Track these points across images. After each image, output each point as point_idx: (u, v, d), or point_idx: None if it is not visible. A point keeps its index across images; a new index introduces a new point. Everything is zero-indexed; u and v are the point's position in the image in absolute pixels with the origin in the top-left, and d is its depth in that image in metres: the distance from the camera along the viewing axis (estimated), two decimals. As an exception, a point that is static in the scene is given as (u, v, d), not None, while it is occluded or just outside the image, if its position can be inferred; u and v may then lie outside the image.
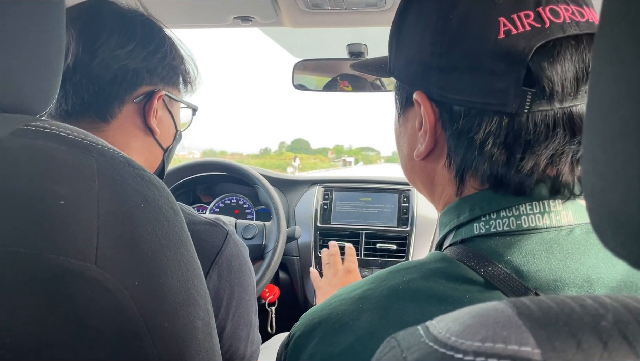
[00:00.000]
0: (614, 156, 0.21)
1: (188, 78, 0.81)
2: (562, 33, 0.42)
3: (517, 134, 0.44)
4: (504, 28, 0.42)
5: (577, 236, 0.43)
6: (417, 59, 0.48)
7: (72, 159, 0.40)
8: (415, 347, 0.26)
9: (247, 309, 0.76)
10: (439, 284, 0.43)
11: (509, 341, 0.22)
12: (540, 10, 0.42)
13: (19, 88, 0.43)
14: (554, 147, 0.43)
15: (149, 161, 0.77)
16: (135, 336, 0.39)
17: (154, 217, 0.43)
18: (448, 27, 0.45)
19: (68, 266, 0.37)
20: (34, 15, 0.44)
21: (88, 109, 0.69)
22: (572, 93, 0.43)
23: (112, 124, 0.71)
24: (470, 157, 0.46)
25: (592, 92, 0.23)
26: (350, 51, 1.38)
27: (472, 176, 0.47)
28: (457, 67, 0.45)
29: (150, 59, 0.72)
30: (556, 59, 0.42)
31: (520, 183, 0.44)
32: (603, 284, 0.41)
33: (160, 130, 0.76)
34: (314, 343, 0.45)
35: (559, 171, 0.44)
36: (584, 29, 0.43)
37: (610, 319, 0.22)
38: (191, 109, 0.86)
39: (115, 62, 0.69)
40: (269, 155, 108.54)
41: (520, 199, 0.45)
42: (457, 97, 0.46)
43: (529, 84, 0.43)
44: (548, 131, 0.43)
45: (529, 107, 0.43)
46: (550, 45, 0.42)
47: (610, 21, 0.22)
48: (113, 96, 0.70)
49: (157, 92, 0.74)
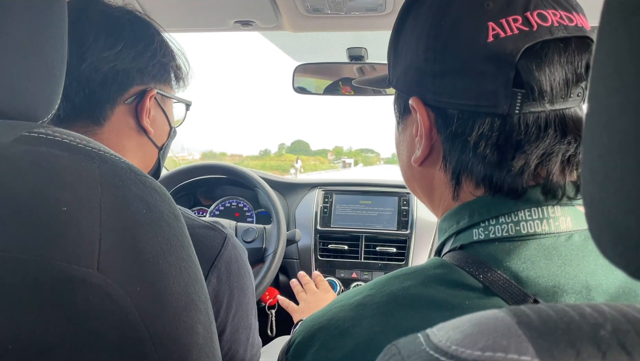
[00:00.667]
0: (612, 167, 0.21)
1: (180, 74, 0.80)
2: (550, 35, 0.43)
3: (508, 135, 0.45)
4: (492, 32, 0.44)
5: (575, 242, 0.44)
6: (413, 66, 0.49)
7: (74, 165, 0.40)
8: (415, 355, 0.26)
9: (247, 312, 0.76)
10: (438, 290, 0.43)
11: (508, 351, 0.22)
12: (528, 14, 0.44)
13: (21, 94, 0.44)
14: (544, 146, 0.44)
15: (144, 160, 0.77)
16: (137, 341, 0.39)
17: (156, 223, 0.43)
18: (440, 33, 0.47)
19: (70, 272, 0.37)
20: (36, 22, 0.44)
21: (80, 113, 0.68)
22: (561, 95, 0.44)
23: (105, 126, 0.70)
24: (465, 159, 0.47)
25: (591, 103, 0.23)
26: (350, 55, 1.38)
27: (467, 178, 0.48)
28: (449, 71, 0.46)
29: (139, 58, 0.71)
30: (544, 61, 0.43)
31: (511, 184, 0.45)
32: (602, 291, 0.42)
33: (153, 129, 0.75)
34: (314, 349, 0.46)
35: (549, 172, 0.44)
36: (573, 32, 0.44)
37: (609, 328, 0.22)
38: (184, 104, 0.84)
39: (105, 64, 0.67)
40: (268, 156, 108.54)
41: (518, 204, 0.45)
42: (451, 101, 0.47)
43: (519, 85, 0.44)
44: (539, 132, 0.44)
45: (520, 108, 0.44)
46: (538, 47, 0.43)
47: (609, 33, 0.22)
48: (104, 98, 0.69)
49: (149, 92, 0.72)
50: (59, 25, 0.46)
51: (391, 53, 0.55)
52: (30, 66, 0.44)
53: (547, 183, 0.44)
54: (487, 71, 0.44)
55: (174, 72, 0.78)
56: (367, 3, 1.00)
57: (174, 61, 0.78)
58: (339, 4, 1.00)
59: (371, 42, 1.38)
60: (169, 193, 0.47)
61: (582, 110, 0.46)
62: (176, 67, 0.79)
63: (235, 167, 1.55)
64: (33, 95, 0.45)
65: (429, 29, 0.48)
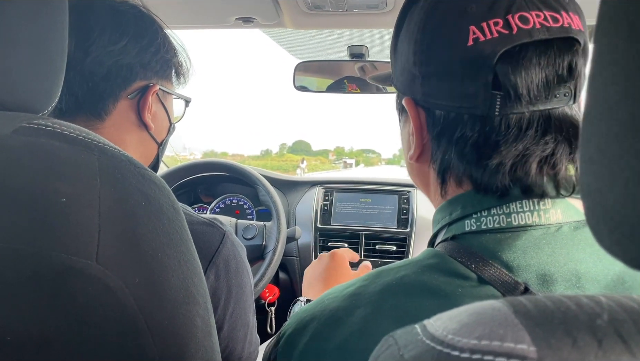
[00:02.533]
0: (610, 156, 0.22)
1: (181, 70, 0.80)
2: (529, 38, 0.44)
3: (487, 136, 0.46)
4: (473, 36, 0.45)
5: (565, 233, 0.44)
6: (407, 68, 0.51)
7: (74, 157, 0.40)
8: (412, 345, 0.26)
9: (245, 310, 0.76)
10: (432, 278, 0.44)
11: (505, 339, 0.22)
12: (509, 17, 0.44)
13: (21, 86, 0.44)
14: (521, 147, 0.45)
15: (144, 155, 0.77)
16: (135, 333, 0.40)
17: (155, 215, 0.43)
18: (425, 37, 0.48)
19: (69, 264, 0.37)
20: (36, 14, 0.44)
21: (82, 106, 0.68)
22: (540, 96, 0.45)
23: (106, 121, 0.70)
24: (448, 158, 0.49)
25: (589, 93, 0.23)
26: (351, 53, 1.38)
27: (451, 176, 0.50)
28: (434, 74, 0.48)
29: (143, 53, 0.71)
30: (520, 64, 0.44)
31: (488, 182, 0.46)
32: (591, 278, 0.43)
33: (154, 124, 0.75)
34: (306, 339, 0.46)
35: (526, 171, 0.45)
36: (555, 33, 0.44)
37: (605, 318, 0.22)
38: (184, 100, 0.85)
39: (109, 58, 0.67)
40: (270, 156, 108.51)
41: (504, 200, 0.46)
42: (437, 102, 0.49)
43: (499, 87, 0.45)
44: (519, 132, 0.45)
45: (500, 110, 0.45)
46: (516, 50, 0.44)
47: (608, 23, 0.22)
48: (107, 92, 0.69)
49: (152, 87, 0.73)
50: (60, 18, 0.46)
51: (392, 52, 0.56)
52: (31, 58, 0.44)
53: (525, 182, 0.45)
54: (467, 74, 0.45)
55: (175, 68, 0.79)
56: (368, 0, 1.00)
57: (176, 57, 0.78)
58: (340, 1, 1.00)
59: (371, 40, 1.38)
60: (168, 187, 0.47)
61: (571, 109, 0.47)
62: (178, 63, 0.79)
63: (236, 165, 1.55)
64: (33, 87, 0.45)
65: (417, 31, 0.49)
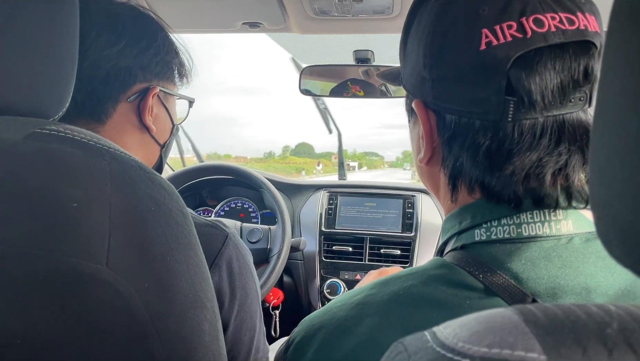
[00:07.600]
0: (620, 167, 0.22)
1: (183, 71, 0.79)
2: (544, 42, 0.42)
3: (500, 143, 0.45)
4: (485, 40, 0.43)
5: (576, 245, 0.44)
6: (416, 70, 0.50)
7: (85, 162, 0.41)
8: (422, 352, 0.26)
9: (251, 313, 0.75)
10: (439, 290, 0.44)
11: (515, 347, 0.22)
12: (523, 20, 0.43)
13: (33, 92, 0.44)
14: (535, 157, 0.44)
15: (147, 157, 0.76)
16: (144, 337, 0.40)
17: (164, 220, 0.43)
18: (435, 40, 0.47)
19: (80, 268, 0.37)
20: (48, 20, 0.44)
21: (82, 111, 0.67)
22: (556, 102, 0.43)
23: (107, 124, 0.69)
24: (459, 164, 0.48)
25: (599, 104, 0.24)
26: (356, 57, 1.39)
27: (462, 183, 0.49)
28: (445, 78, 0.47)
29: (142, 55, 0.70)
30: (535, 69, 0.42)
31: (501, 191, 0.45)
32: (601, 292, 0.42)
33: (156, 126, 0.74)
34: (315, 348, 0.46)
35: (540, 183, 0.44)
36: (571, 36, 0.43)
37: (615, 327, 0.22)
38: (187, 101, 0.83)
39: (106, 61, 0.66)
40: (273, 159, 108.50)
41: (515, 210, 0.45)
42: (448, 106, 0.48)
43: (511, 93, 0.43)
44: (533, 140, 0.44)
45: (513, 116, 0.43)
46: (530, 55, 0.42)
47: (618, 34, 0.22)
48: (106, 96, 0.68)
49: (152, 90, 0.72)
50: (71, 23, 0.47)
51: (401, 53, 0.55)
52: (42, 64, 0.44)
53: (538, 193, 0.44)
54: (480, 79, 0.44)
55: (177, 69, 0.78)
56: (374, 6, 1.00)
57: (178, 57, 0.77)
58: (346, 7, 1.00)
59: (377, 45, 1.38)
60: (176, 191, 0.47)
61: (585, 113, 0.45)
62: (179, 64, 0.78)
63: (241, 168, 1.56)
64: (45, 92, 0.45)
65: (427, 34, 0.48)
